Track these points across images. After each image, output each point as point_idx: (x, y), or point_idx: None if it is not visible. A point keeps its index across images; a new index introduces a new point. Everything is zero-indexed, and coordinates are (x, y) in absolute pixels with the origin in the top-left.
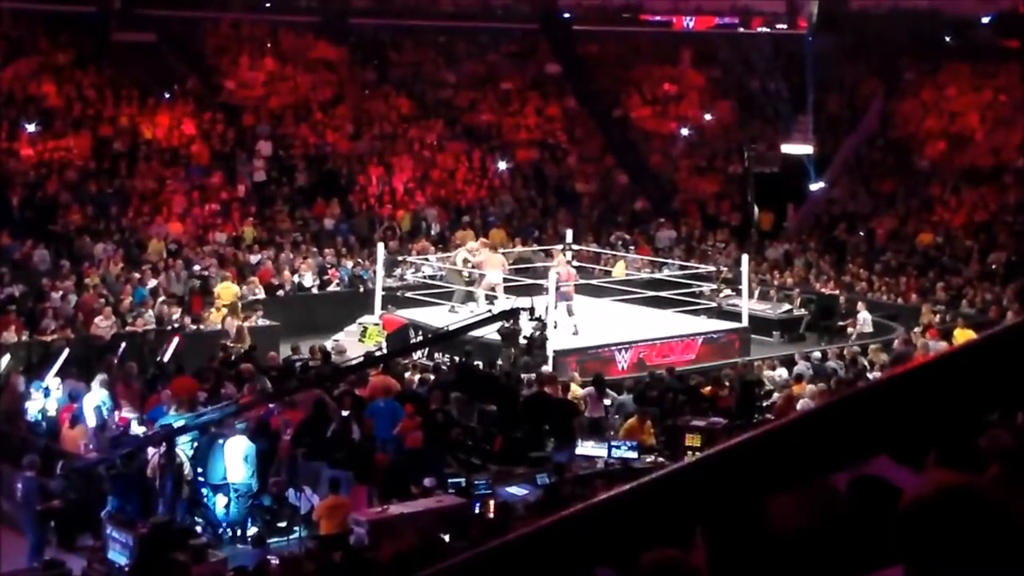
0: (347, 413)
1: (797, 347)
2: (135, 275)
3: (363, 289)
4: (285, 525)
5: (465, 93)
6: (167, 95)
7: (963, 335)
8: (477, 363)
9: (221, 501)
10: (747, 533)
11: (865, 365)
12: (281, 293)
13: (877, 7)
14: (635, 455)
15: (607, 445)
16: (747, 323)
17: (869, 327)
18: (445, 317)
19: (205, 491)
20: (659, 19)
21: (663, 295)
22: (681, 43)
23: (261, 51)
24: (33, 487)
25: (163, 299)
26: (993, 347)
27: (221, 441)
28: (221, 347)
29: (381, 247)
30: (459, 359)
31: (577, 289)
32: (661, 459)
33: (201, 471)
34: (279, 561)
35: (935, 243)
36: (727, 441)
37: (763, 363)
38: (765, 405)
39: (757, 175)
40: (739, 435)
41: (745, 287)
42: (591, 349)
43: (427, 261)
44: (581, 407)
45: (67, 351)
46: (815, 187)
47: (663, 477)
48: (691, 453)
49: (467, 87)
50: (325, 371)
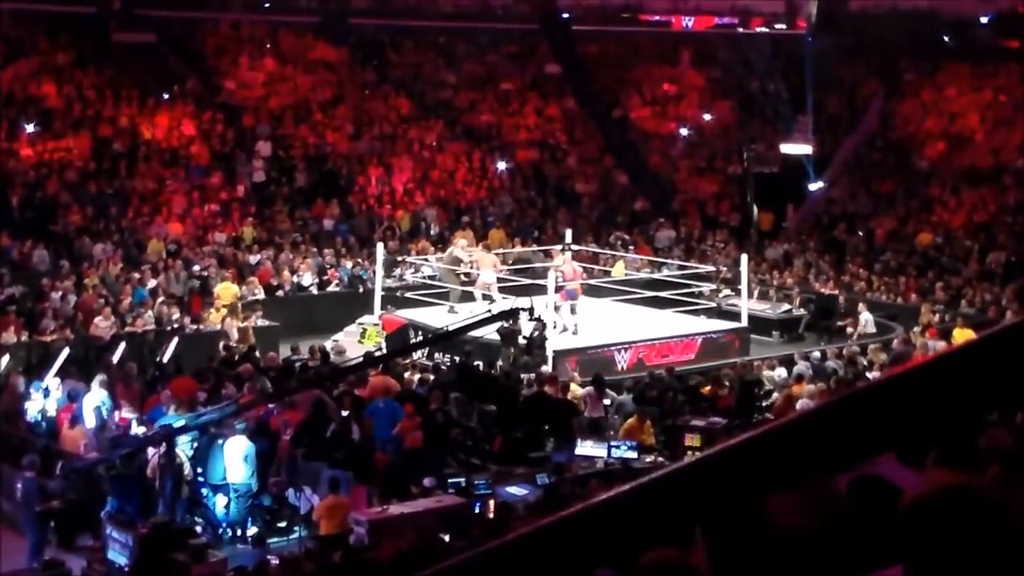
0: (347, 413)
1: (796, 347)
2: (135, 275)
3: (362, 289)
4: (285, 525)
5: (465, 93)
6: (167, 95)
7: (962, 335)
8: (477, 363)
9: (221, 501)
10: (747, 533)
11: (865, 365)
12: (280, 293)
13: (876, 7)
14: (635, 455)
15: (607, 445)
16: (746, 323)
17: (871, 328)
18: (444, 317)
19: (205, 491)
20: (658, 19)
21: (663, 295)
22: (680, 43)
23: (261, 52)
24: (33, 487)
25: (162, 299)
26: (992, 347)
27: (221, 441)
28: (224, 347)
29: (380, 247)
30: (459, 359)
31: (583, 289)
32: (661, 459)
33: (201, 471)
34: (279, 561)
35: (935, 243)
36: (727, 441)
37: (762, 363)
38: (764, 405)
39: (757, 175)
40: (739, 435)
41: (744, 287)
42: (591, 349)
43: (426, 261)
44: (581, 407)
45: (67, 351)
46: (815, 187)
47: (663, 477)
48: (691, 453)
49: (467, 87)
50: (325, 371)
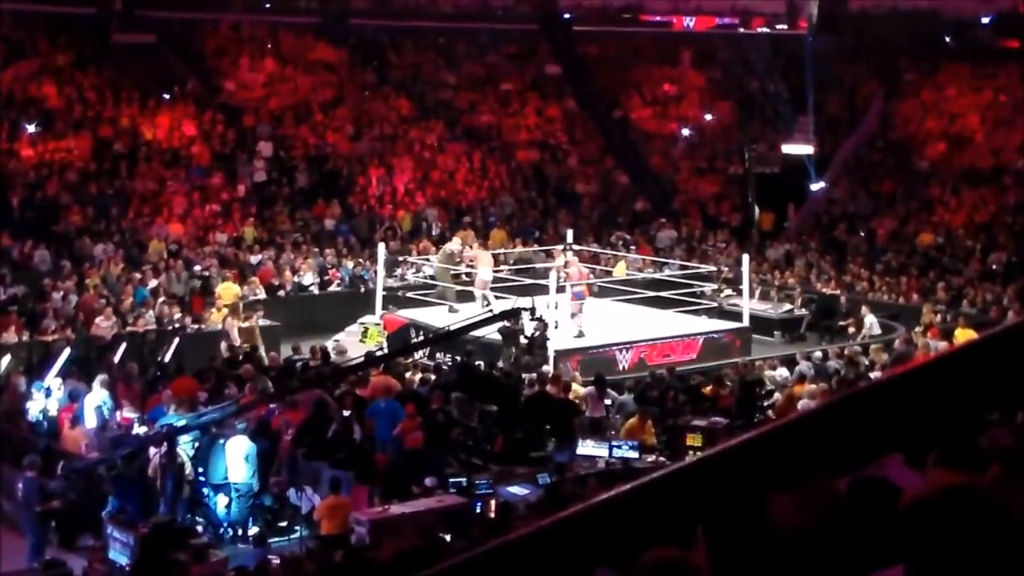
0: (348, 413)
1: (798, 347)
2: (136, 275)
3: (363, 289)
4: (286, 525)
5: (465, 94)
6: (167, 96)
7: (964, 335)
8: (478, 363)
9: (222, 501)
10: (748, 533)
11: (866, 365)
12: (282, 293)
13: (877, 8)
14: (636, 455)
15: (608, 445)
16: (748, 323)
17: (876, 329)
18: (446, 317)
19: (206, 491)
20: (659, 19)
21: (664, 295)
22: (681, 44)
23: (261, 52)
24: (33, 487)
25: (163, 299)
26: (994, 347)
27: (222, 441)
28: (228, 347)
29: (382, 247)
30: (460, 359)
31: (592, 290)
32: (662, 459)
33: (202, 471)
34: (280, 561)
35: (935, 243)
36: (728, 441)
37: (764, 363)
38: (766, 405)
39: (758, 175)
40: (740, 435)
41: (746, 287)
42: (592, 349)
43: (428, 261)
44: (582, 407)
45: (68, 351)
46: (815, 187)
47: (664, 477)
48: (692, 453)
49: (467, 88)
50: (326, 371)
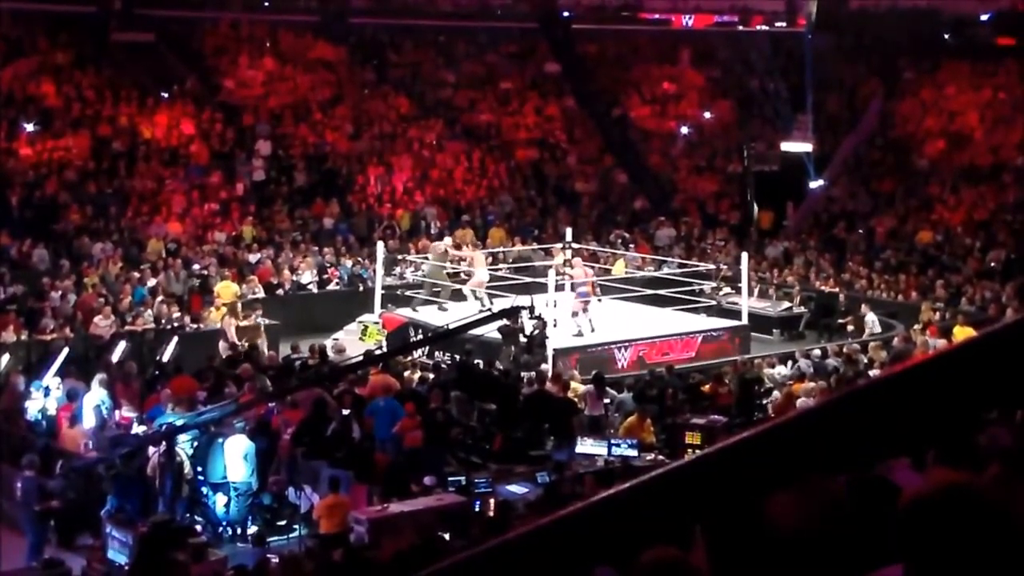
0: (347, 412)
1: (797, 345)
2: (134, 274)
3: (362, 288)
4: (285, 524)
5: (464, 93)
6: (166, 95)
7: (963, 333)
8: (477, 362)
9: (221, 500)
10: (747, 532)
11: (865, 363)
12: (280, 292)
13: (876, 6)
14: (635, 453)
15: (607, 443)
16: (747, 321)
17: (877, 328)
18: (445, 316)
19: (205, 490)
20: (658, 18)
21: (663, 293)
22: (680, 42)
23: (260, 51)
24: (32, 487)
25: (162, 298)
26: (993, 345)
27: (221, 440)
28: (230, 346)
29: (381, 246)
30: (459, 358)
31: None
32: (661, 457)
33: (201, 470)
34: (279, 560)
35: (934, 241)
36: (727, 439)
37: (763, 361)
38: (765, 403)
39: (757, 174)
40: (739, 433)
41: (745, 285)
42: (591, 347)
43: (427, 260)
44: (581, 405)
45: (66, 350)
46: (815, 186)
47: (663, 475)
48: (691, 451)
49: (466, 87)
50: (325, 370)
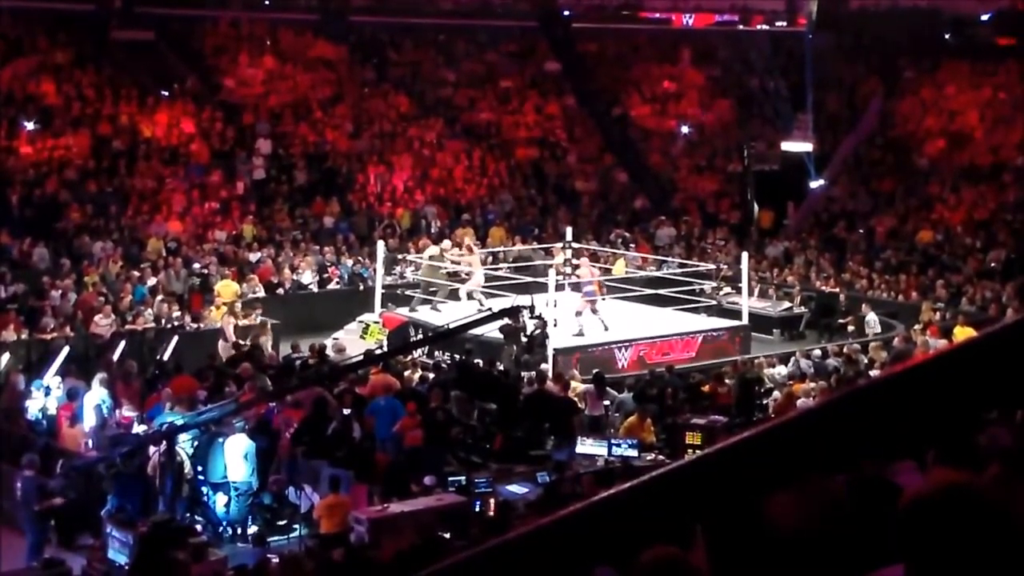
0: (348, 411)
1: (797, 345)
2: (135, 273)
3: (362, 287)
4: (285, 523)
5: (464, 91)
6: (166, 94)
7: (963, 333)
8: (477, 361)
9: (221, 500)
10: (747, 532)
11: (865, 363)
12: (281, 291)
13: (876, 5)
14: (635, 453)
15: (607, 443)
16: (747, 321)
17: (878, 328)
18: (442, 315)
19: (205, 489)
20: (658, 17)
21: (663, 293)
22: (680, 41)
23: (260, 49)
24: (32, 486)
25: (162, 297)
26: (993, 345)
27: (221, 440)
28: (233, 345)
29: (381, 245)
30: (459, 357)
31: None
32: (661, 457)
33: (201, 469)
34: (279, 560)
35: (935, 241)
36: (727, 439)
37: (763, 361)
38: (765, 403)
39: (757, 173)
40: (739, 433)
41: (745, 285)
42: (592, 347)
43: (425, 259)
44: (581, 405)
45: (67, 349)
46: (815, 185)
47: (663, 475)
48: (691, 451)
49: (466, 85)
50: (325, 369)
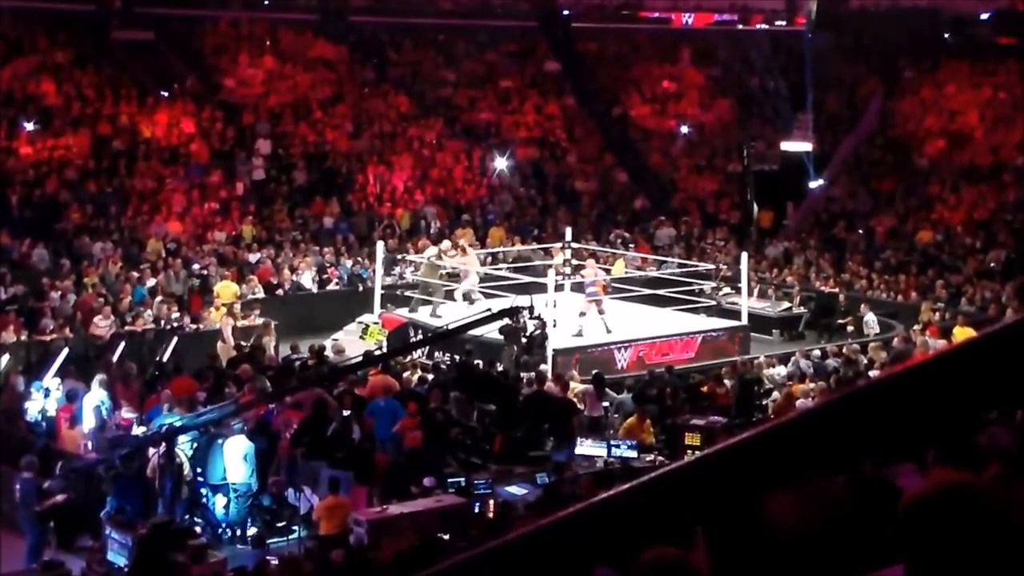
0: (347, 412)
1: (797, 345)
2: (134, 274)
3: (362, 288)
4: (284, 525)
5: (464, 91)
6: (166, 94)
7: (963, 333)
8: (477, 362)
9: (221, 501)
10: (747, 533)
11: (865, 363)
12: (280, 292)
13: (876, 5)
14: (635, 454)
15: (607, 444)
16: (747, 321)
17: (877, 328)
18: (445, 317)
19: (205, 491)
20: (658, 16)
21: (663, 293)
22: (680, 41)
23: (260, 49)
24: (31, 488)
25: (162, 298)
26: (993, 345)
27: (220, 441)
28: (236, 346)
29: (381, 245)
30: (459, 358)
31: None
32: (661, 458)
33: (201, 471)
34: (279, 561)
35: (935, 241)
36: (727, 440)
37: (763, 361)
38: (764, 404)
39: (757, 173)
40: (738, 434)
41: (745, 285)
42: (591, 348)
43: (425, 259)
44: (580, 406)
45: (66, 351)
46: (814, 185)
47: (663, 476)
48: (691, 452)
49: (466, 85)
50: (325, 370)
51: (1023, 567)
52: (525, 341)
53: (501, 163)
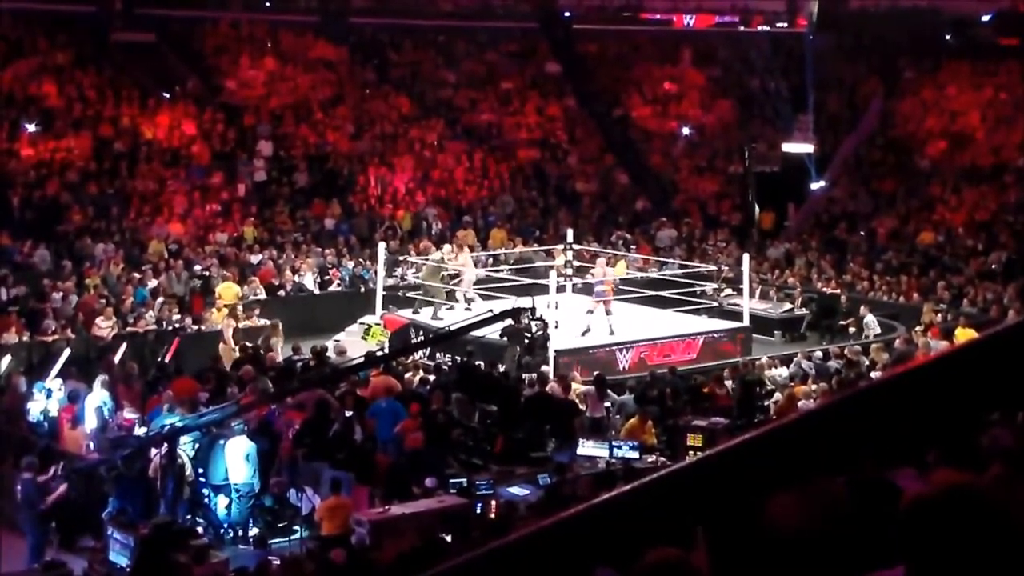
0: (349, 413)
1: (799, 346)
2: (136, 276)
3: (363, 289)
4: (286, 525)
5: (465, 92)
6: (167, 95)
7: (964, 334)
8: (478, 363)
9: (222, 502)
10: (748, 533)
11: (867, 365)
12: (282, 293)
13: (877, 6)
14: (636, 455)
15: (608, 445)
16: (748, 322)
17: (877, 328)
18: (446, 317)
19: (206, 492)
20: (659, 18)
21: (664, 295)
22: (681, 42)
23: (261, 51)
24: (32, 488)
25: (163, 300)
26: (994, 346)
27: (222, 442)
28: (241, 347)
29: (382, 246)
30: (460, 359)
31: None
32: (662, 459)
33: (202, 472)
34: (280, 562)
35: (936, 242)
36: (728, 441)
37: (764, 362)
38: (766, 405)
39: (758, 174)
40: (740, 435)
41: (746, 286)
42: (592, 349)
43: (428, 261)
44: (581, 407)
45: (68, 352)
46: (816, 186)
47: (664, 477)
48: (692, 453)
49: (467, 87)
50: (327, 372)
51: (1023, 567)
52: (527, 342)
53: None
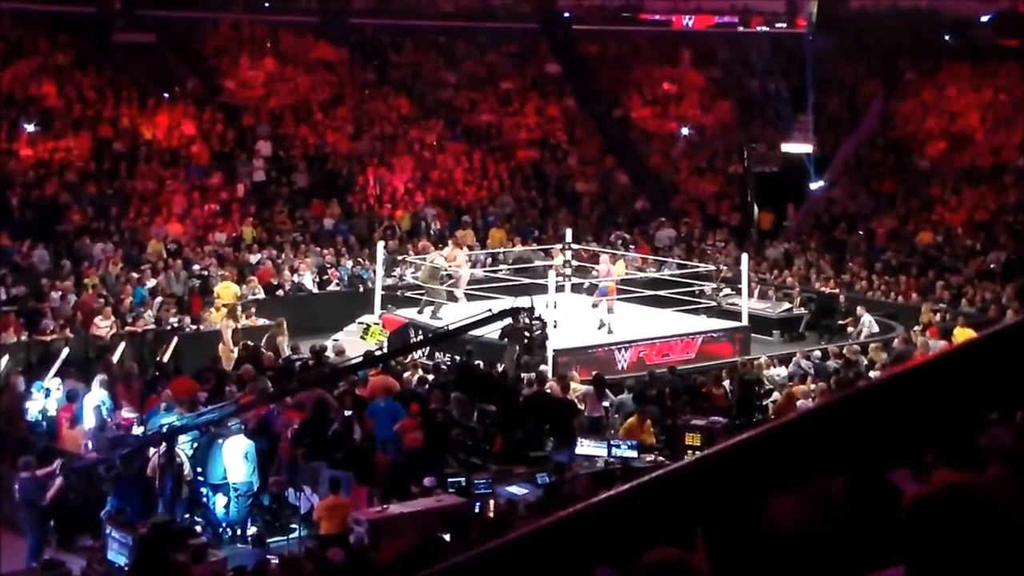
0: (348, 413)
1: (797, 346)
2: (134, 275)
3: (362, 289)
4: (285, 524)
5: (465, 93)
6: (167, 96)
7: (963, 334)
8: (477, 363)
9: (221, 501)
10: (747, 533)
11: (866, 364)
12: (281, 293)
13: (877, 7)
14: (635, 454)
15: (607, 444)
16: (747, 322)
17: (874, 328)
18: (445, 316)
19: (205, 491)
20: (659, 19)
21: (663, 294)
22: (681, 43)
23: (261, 51)
24: (30, 487)
25: (162, 299)
26: (993, 346)
27: (221, 441)
28: (243, 346)
29: (381, 246)
30: (459, 359)
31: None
32: (661, 458)
33: (201, 471)
34: (279, 561)
35: (935, 242)
36: (727, 441)
37: (763, 362)
38: (765, 404)
39: (757, 175)
40: (739, 435)
41: (745, 286)
42: (591, 348)
43: (426, 262)
44: (580, 406)
45: (67, 351)
46: (815, 187)
47: (663, 477)
48: (691, 452)
49: (467, 87)
50: (326, 371)
51: (1023, 567)
52: (526, 342)
53: None
